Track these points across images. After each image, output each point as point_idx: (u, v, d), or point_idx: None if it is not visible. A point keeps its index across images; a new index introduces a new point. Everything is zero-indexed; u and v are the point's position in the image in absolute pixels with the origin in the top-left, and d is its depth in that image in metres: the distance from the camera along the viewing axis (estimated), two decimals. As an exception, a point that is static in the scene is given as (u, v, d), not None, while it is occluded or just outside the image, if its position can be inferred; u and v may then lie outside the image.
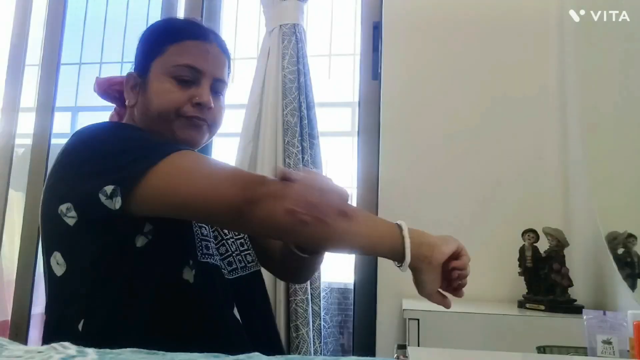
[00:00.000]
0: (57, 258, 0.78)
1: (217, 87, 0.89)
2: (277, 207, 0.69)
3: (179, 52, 0.85)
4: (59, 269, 0.78)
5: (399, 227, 0.81)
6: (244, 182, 0.72)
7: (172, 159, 0.73)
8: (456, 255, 0.85)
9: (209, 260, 0.82)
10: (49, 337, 0.78)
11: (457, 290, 0.87)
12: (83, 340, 0.71)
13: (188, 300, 0.78)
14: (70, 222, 0.76)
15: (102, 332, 0.73)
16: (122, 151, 0.75)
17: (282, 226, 0.71)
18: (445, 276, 0.84)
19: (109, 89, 0.95)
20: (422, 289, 0.84)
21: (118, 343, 0.71)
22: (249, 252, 0.93)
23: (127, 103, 0.89)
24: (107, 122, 0.92)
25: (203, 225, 0.85)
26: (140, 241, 0.76)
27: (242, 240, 0.94)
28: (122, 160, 0.73)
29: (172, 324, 0.77)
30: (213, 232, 0.88)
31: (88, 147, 0.78)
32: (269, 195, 0.70)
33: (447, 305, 0.86)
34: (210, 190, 0.72)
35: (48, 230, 0.80)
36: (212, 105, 0.86)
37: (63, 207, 0.76)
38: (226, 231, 0.91)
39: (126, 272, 0.75)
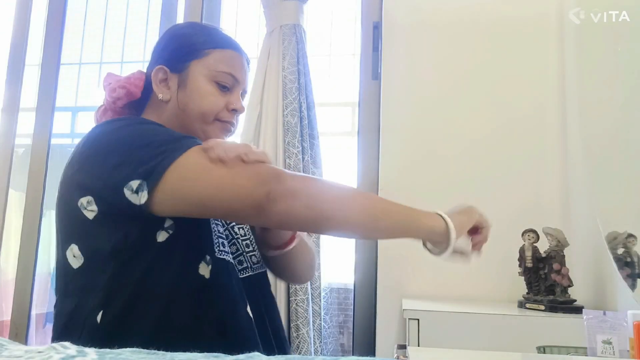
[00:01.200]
0: (73, 250, 0.79)
1: (242, 96, 0.95)
2: (297, 204, 0.72)
3: (222, 59, 0.90)
4: (75, 262, 0.78)
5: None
6: (261, 178, 0.72)
7: (191, 154, 0.74)
8: (476, 228, 0.89)
9: (225, 257, 0.83)
10: (62, 330, 0.78)
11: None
12: (100, 331, 0.74)
13: (203, 295, 0.79)
14: (90, 215, 0.76)
15: (118, 323, 0.74)
16: (147, 145, 0.75)
17: (304, 221, 0.75)
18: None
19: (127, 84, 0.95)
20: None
21: (135, 335, 0.73)
22: (254, 253, 0.94)
23: (160, 97, 0.89)
24: (127, 117, 0.90)
25: (219, 222, 0.87)
26: (161, 236, 0.77)
27: (247, 242, 0.95)
28: (148, 154, 0.73)
29: (187, 317, 0.77)
30: (224, 230, 0.89)
31: (112, 141, 0.78)
32: (287, 191, 0.72)
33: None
34: (228, 186, 0.72)
35: (65, 223, 0.81)
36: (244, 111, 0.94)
37: (84, 200, 0.76)
38: (237, 230, 0.92)
39: (145, 265, 0.76)
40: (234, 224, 0.93)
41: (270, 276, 1.02)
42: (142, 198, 0.72)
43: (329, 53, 2.47)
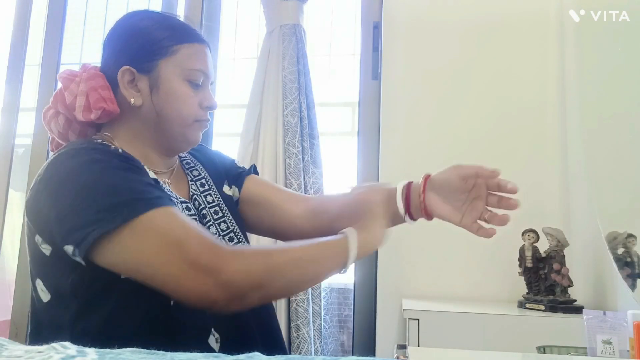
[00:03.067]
0: (40, 285, 0.78)
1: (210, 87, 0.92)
2: (248, 302, 0.71)
3: (191, 55, 0.86)
4: (44, 296, 0.77)
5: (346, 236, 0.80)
6: (193, 271, 0.67)
7: (129, 229, 0.68)
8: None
9: None
10: None
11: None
12: None
13: (170, 322, 0.75)
14: (46, 252, 0.75)
15: None
16: (85, 206, 0.70)
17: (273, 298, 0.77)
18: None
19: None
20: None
21: None
22: (223, 219, 0.91)
23: (132, 102, 0.84)
24: (83, 152, 0.78)
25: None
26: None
27: (231, 235, 0.91)
28: (82, 219, 0.69)
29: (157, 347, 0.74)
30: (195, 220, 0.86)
31: (58, 190, 0.74)
32: (234, 296, 0.69)
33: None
34: (157, 277, 0.69)
35: (30, 255, 0.80)
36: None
37: (37, 238, 0.76)
38: (218, 227, 0.90)
39: (113, 300, 0.73)
40: (204, 211, 0.90)
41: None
42: (79, 259, 0.71)
43: (329, 53, 2.46)
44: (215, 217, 0.92)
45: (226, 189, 0.98)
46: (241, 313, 0.80)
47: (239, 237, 0.92)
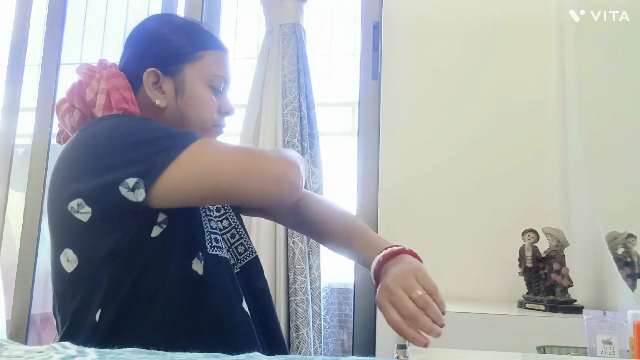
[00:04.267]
0: (67, 255, 0.78)
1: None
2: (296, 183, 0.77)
3: (215, 62, 0.90)
4: (69, 266, 0.77)
5: None
6: (265, 158, 0.77)
7: (193, 150, 0.74)
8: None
9: (218, 252, 0.83)
10: (66, 333, 0.77)
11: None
12: (100, 330, 0.73)
13: (197, 291, 0.79)
14: (84, 217, 0.75)
15: (117, 321, 0.74)
16: (142, 143, 0.74)
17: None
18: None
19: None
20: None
21: (133, 332, 0.73)
22: (241, 241, 0.95)
23: (157, 103, 0.86)
24: (117, 115, 0.83)
25: (212, 218, 0.87)
26: (155, 231, 0.77)
27: (233, 232, 0.95)
28: (144, 152, 0.73)
29: (183, 315, 0.77)
30: (216, 225, 0.89)
31: (105, 140, 0.76)
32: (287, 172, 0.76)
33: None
34: (235, 177, 0.74)
35: (57, 227, 0.80)
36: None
37: (74, 204, 0.75)
38: (216, 224, 0.92)
39: (141, 262, 0.76)
40: (214, 219, 0.92)
41: (270, 276, 1.03)
42: (139, 196, 0.72)
43: (329, 53, 2.47)
44: (217, 213, 0.96)
45: None
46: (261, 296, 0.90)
47: (240, 233, 0.96)
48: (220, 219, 0.95)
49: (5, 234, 2.19)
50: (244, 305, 0.84)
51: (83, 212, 0.75)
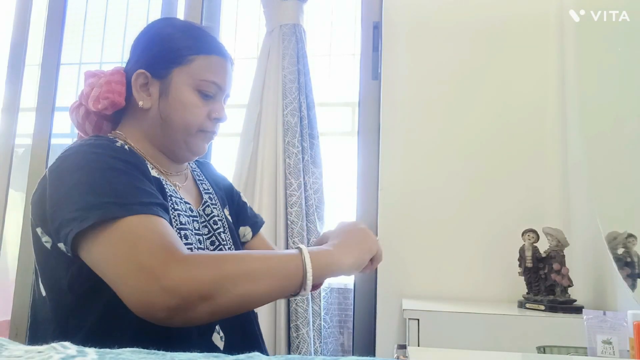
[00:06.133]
0: (40, 279, 0.79)
1: (225, 100, 0.93)
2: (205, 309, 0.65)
3: (207, 66, 0.87)
4: (43, 290, 0.78)
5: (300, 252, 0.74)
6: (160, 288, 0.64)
7: (108, 226, 0.68)
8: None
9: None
10: None
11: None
12: None
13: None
14: (47, 245, 0.76)
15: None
16: (75, 200, 0.70)
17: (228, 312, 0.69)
18: None
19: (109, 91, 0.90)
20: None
21: None
22: (222, 230, 0.92)
23: (140, 104, 0.86)
24: (82, 151, 0.78)
25: (181, 212, 0.84)
26: None
27: (219, 224, 0.93)
28: (68, 215, 0.70)
29: (157, 336, 0.72)
30: (194, 219, 0.87)
31: (58, 182, 0.75)
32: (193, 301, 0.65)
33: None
34: (119, 284, 0.67)
35: (34, 250, 0.80)
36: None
37: (39, 230, 0.77)
38: (200, 211, 0.91)
39: (106, 296, 0.71)
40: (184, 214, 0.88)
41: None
42: (67, 250, 0.72)
43: (329, 53, 2.47)
44: (218, 229, 0.94)
45: (226, 211, 0.99)
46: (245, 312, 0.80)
47: (221, 240, 0.93)
48: (220, 233, 0.92)
49: (6, 233, 2.19)
50: (214, 337, 0.80)
51: (45, 241, 0.76)
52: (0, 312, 2.18)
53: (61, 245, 0.72)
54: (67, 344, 0.51)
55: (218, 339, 0.81)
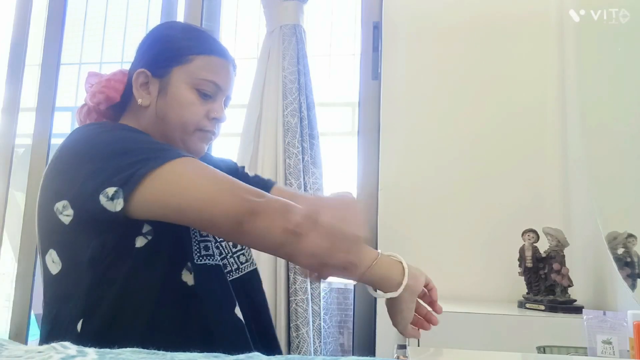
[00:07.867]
0: (52, 256, 0.78)
1: (225, 102, 0.93)
2: (276, 224, 0.71)
3: (206, 66, 0.88)
4: (54, 267, 0.77)
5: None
6: (245, 194, 0.72)
7: (174, 165, 0.73)
8: (426, 287, 0.93)
9: (207, 261, 0.82)
10: (46, 337, 0.77)
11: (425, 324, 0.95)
12: (81, 341, 0.70)
13: (187, 302, 0.78)
14: (66, 220, 0.75)
15: (100, 333, 0.73)
16: (125, 152, 0.74)
17: (277, 243, 0.73)
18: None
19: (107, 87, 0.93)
20: (401, 319, 0.89)
21: (117, 344, 0.71)
22: (242, 252, 0.93)
23: (140, 102, 0.88)
24: (107, 122, 0.88)
25: None
26: (139, 242, 0.76)
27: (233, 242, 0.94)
28: (125, 162, 0.72)
29: (172, 325, 0.76)
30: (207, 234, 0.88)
31: (90, 146, 0.77)
32: (270, 209, 0.72)
33: (418, 335, 0.93)
34: (210, 199, 0.72)
35: (44, 228, 0.80)
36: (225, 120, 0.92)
37: (59, 205, 0.75)
38: None
39: (125, 272, 0.75)
40: None
41: (271, 277, 1.02)
42: (117, 205, 0.71)
43: (329, 53, 2.47)
44: None
45: None
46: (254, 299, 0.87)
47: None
48: None
49: (6, 233, 2.19)
50: (237, 311, 0.83)
51: (66, 215, 0.75)
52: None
53: (105, 196, 0.71)
54: (67, 344, 0.51)
55: (240, 314, 0.84)
